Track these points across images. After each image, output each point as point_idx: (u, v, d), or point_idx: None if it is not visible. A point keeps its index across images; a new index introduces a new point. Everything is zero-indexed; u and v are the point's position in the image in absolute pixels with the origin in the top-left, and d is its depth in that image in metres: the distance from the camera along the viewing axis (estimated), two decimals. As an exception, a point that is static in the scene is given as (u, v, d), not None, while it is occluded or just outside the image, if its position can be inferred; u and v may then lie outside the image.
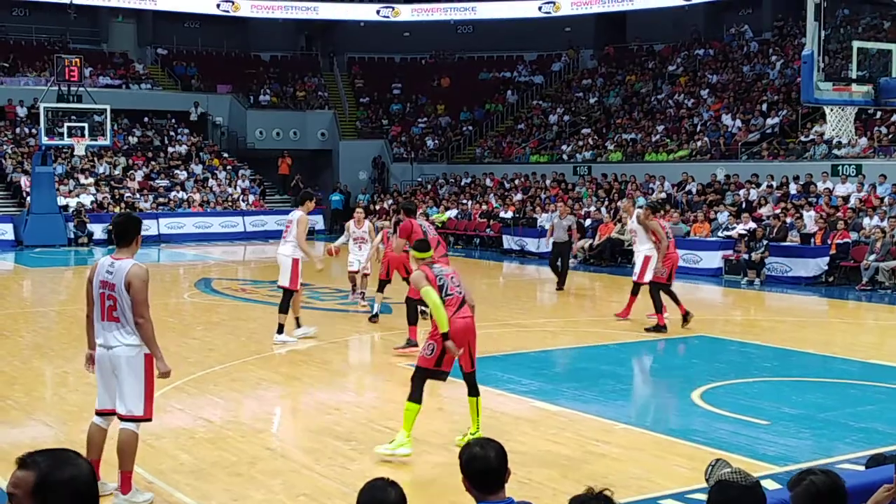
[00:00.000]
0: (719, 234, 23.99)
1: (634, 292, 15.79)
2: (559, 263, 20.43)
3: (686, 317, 14.91)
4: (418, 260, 8.92)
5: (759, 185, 26.78)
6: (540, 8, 42.72)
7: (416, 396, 8.29)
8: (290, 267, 13.59)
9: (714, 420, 9.66)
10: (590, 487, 3.26)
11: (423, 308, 14.76)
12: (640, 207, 16.78)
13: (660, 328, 14.68)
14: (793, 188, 26.03)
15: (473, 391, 8.60)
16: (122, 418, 7.14)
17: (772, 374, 12.16)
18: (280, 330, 13.66)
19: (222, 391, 10.91)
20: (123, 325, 7.06)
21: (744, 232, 23.11)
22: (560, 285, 20.15)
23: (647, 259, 15.40)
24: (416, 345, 12.22)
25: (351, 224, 17.43)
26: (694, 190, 28.36)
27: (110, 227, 7.33)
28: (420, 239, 9.60)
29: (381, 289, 15.29)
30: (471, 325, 8.51)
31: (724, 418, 9.69)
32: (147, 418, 7.21)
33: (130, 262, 7.11)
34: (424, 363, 8.36)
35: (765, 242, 22.25)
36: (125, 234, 7.22)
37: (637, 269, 15.67)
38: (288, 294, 13.70)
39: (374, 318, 15.38)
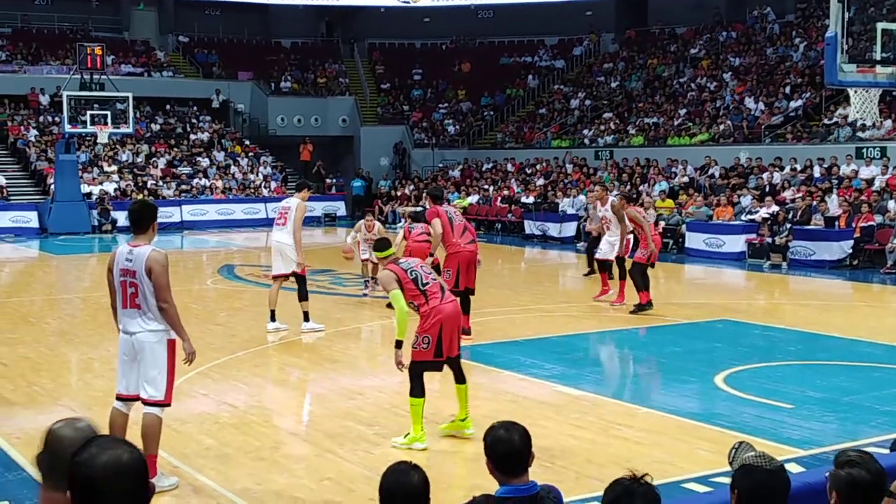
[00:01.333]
0: (742, 217, 23.86)
1: (623, 276, 15.83)
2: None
3: (645, 306, 14.81)
4: (381, 260, 8.85)
5: (782, 169, 26.60)
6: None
7: (417, 391, 8.23)
8: (295, 252, 13.33)
9: (738, 404, 9.63)
10: (631, 471, 3.22)
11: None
12: (615, 196, 16.96)
13: (643, 307, 14.73)
14: (817, 171, 25.84)
15: (460, 379, 8.50)
16: (146, 402, 7.21)
17: (796, 357, 12.11)
18: (306, 318, 13.60)
19: (246, 376, 10.97)
20: (145, 311, 7.13)
21: (767, 215, 22.98)
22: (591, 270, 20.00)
23: (628, 241, 15.99)
24: (468, 333, 12.14)
25: (362, 227, 17.43)
26: (717, 174, 28.21)
27: (131, 214, 7.41)
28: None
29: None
30: (458, 309, 8.47)
31: (747, 402, 9.66)
32: (167, 403, 7.26)
33: (149, 248, 7.16)
34: (421, 356, 8.26)
35: (788, 226, 22.12)
36: (141, 220, 7.26)
37: (617, 249, 15.91)
38: (301, 280, 13.56)
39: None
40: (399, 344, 8.23)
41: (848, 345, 12.92)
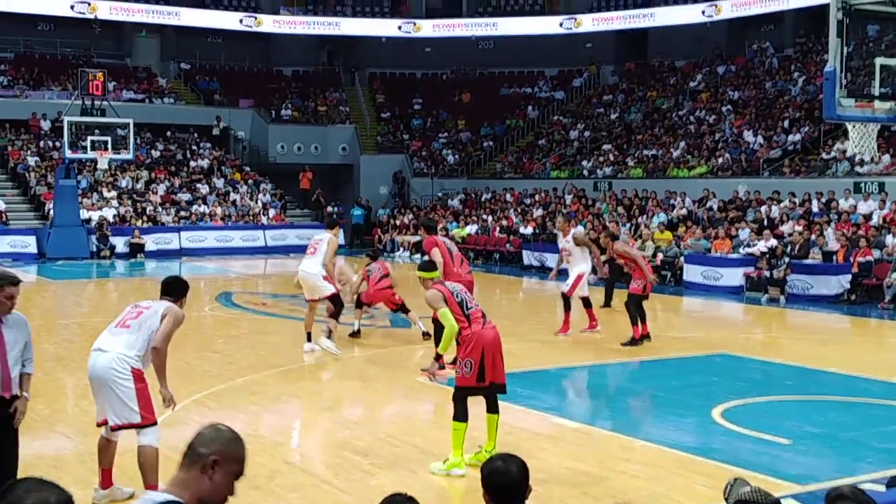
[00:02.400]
0: (740, 250, 23.88)
1: (567, 307, 15.95)
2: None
3: (638, 341, 14.79)
4: (426, 280, 8.84)
5: (780, 202, 26.66)
6: (561, 24, 42.82)
7: (461, 416, 8.24)
8: (323, 279, 13.76)
9: (735, 438, 9.60)
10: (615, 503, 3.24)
11: (425, 330, 14.87)
12: (579, 227, 17.40)
13: (636, 341, 14.71)
14: (815, 205, 25.89)
15: (493, 408, 8.50)
16: (117, 427, 7.21)
17: (793, 392, 12.09)
18: (328, 335, 13.83)
19: (242, 405, 10.94)
20: (131, 334, 7.21)
21: (765, 249, 23.00)
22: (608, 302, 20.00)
23: (580, 275, 15.89)
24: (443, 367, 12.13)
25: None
26: (715, 206, 28.26)
27: (164, 282, 7.79)
28: (426, 260, 9.54)
29: (358, 305, 15.67)
30: (499, 336, 8.48)
31: (744, 436, 9.63)
32: (147, 423, 7.19)
33: (175, 306, 7.44)
34: (464, 382, 8.27)
35: (786, 260, 22.13)
36: (172, 291, 7.57)
37: (570, 282, 15.98)
38: (336, 299, 13.89)
39: (355, 334, 15.47)
40: (438, 357, 8.26)
41: (845, 380, 12.90)
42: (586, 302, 16.15)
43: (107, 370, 7.10)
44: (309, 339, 14.12)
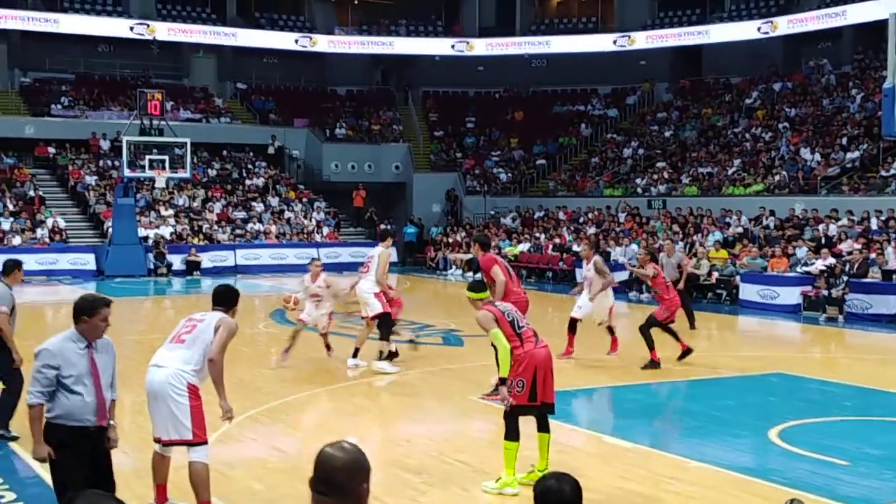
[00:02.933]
0: (798, 269, 23.54)
1: (611, 331, 15.48)
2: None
3: (656, 364, 14.31)
4: (476, 301, 8.76)
5: (838, 220, 26.27)
6: (615, 42, 42.68)
7: (512, 435, 8.22)
8: (375, 297, 13.86)
9: (792, 459, 9.44)
10: None
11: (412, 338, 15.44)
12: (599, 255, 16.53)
13: (655, 364, 14.24)
14: (874, 223, 25.48)
15: (544, 427, 8.49)
16: (169, 443, 7.30)
17: (853, 412, 11.87)
18: (380, 357, 13.96)
19: (295, 421, 10.99)
20: (187, 349, 7.29)
21: (823, 268, 22.65)
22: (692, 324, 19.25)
23: (612, 306, 15.59)
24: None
25: (306, 278, 15.04)
26: (772, 224, 27.93)
27: (215, 291, 7.92)
28: (476, 280, 9.44)
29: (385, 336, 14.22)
30: (551, 355, 8.46)
31: (802, 457, 9.47)
32: (199, 441, 7.22)
33: (226, 315, 7.52)
34: (518, 400, 8.23)
35: (845, 278, 21.77)
36: (223, 301, 7.65)
37: (604, 314, 15.46)
38: (385, 318, 13.97)
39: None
40: (504, 381, 8.23)
41: (906, 401, 12.63)
42: (572, 325, 15.45)
43: (163, 385, 7.15)
44: (355, 355, 14.14)
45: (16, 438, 9.66)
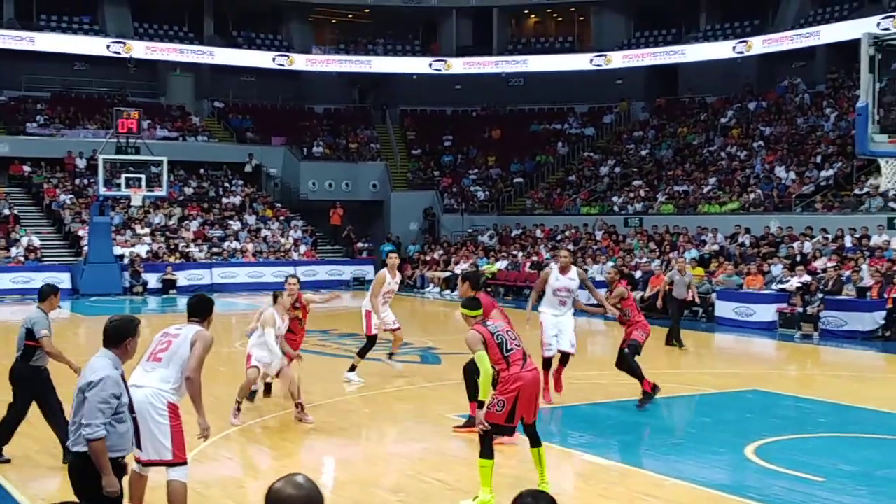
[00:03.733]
0: (773, 286, 23.69)
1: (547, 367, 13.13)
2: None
3: (654, 392, 12.84)
4: (469, 318, 8.73)
5: (813, 238, 26.48)
6: (591, 61, 42.91)
7: (487, 452, 8.26)
8: (364, 317, 14.77)
9: (768, 476, 9.48)
10: None
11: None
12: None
13: (650, 395, 12.83)
14: (848, 241, 25.70)
15: (535, 442, 8.55)
16: (148, 463, 7.19)
17: (828, 429, 11.93)
18: (351, 368, 14.71)
19: (272, 440, 10.94)
20: (164, 367, 7.25)
21: (798, 285, 22.81)
22: (678, 342, 19.20)
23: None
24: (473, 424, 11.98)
25: (285, 300, 12.64)
26: (747, 242, 28.11)
27: (189, 302, 7.84)
28: (470, 297, 9.25)
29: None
30: (538, 377, 8.59)
31: (778, 474, 9.51)
32: (179, 462, 7.17)
33: (203, 329, 7.44)
34: (493, 418, 8.28)
35: (820, 296, 21.92)
36: (197, 312, 7.60)
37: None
38: (370, 339, 14.77)
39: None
40: (482, 405, 8.28)
41: (881, 417, 12.72)
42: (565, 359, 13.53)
43: (143, 405, 7.02)
44: (352, 370, 14.79)
45: (7, 461, 9.59)
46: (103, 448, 5.79)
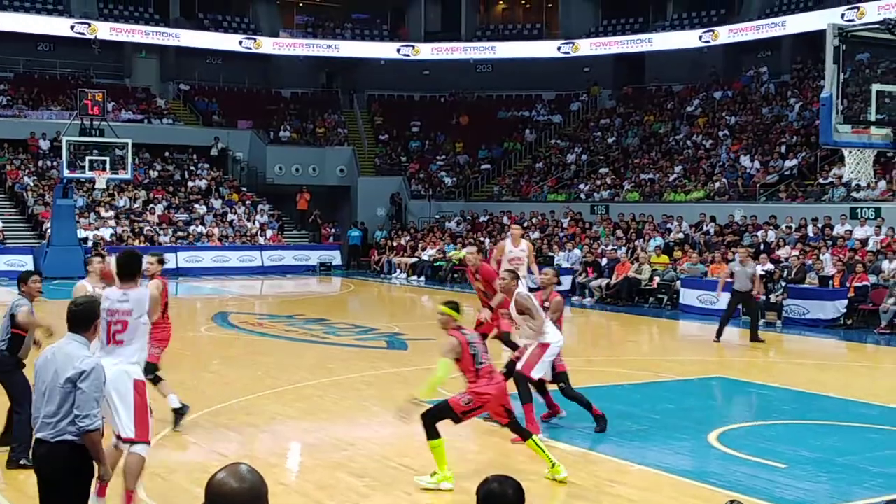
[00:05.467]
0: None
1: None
2: (741, 313, 19.23)
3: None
4: (450, 320, 8.60)
5: (777, 227, 26.72)
6: (559, 48, 42.97)
7: (433, 434, 8.41)
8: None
9: (731, 462, 9.58)
10: None
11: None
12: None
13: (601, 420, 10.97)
14: (811, 230, 25.95)
15: (525, 435, 8.78)
16: (125, 441, 7.37)
17: (790, 416, 12.07)
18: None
19: (237, 425, 10.91)
20: (126, 347, 7.53)
21: (762, 273, 23.00)
22: (754, 336, 18.50)
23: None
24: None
25: (85, 285, 10.17)
26: (712, 230, 28.31)
27: (119, 262, 7.95)
28: (453, 301, 8.82)
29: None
30: (505, 391, 8.75)
31: (741, 461, 9.61)
32: (143, 441, 7.37)
33: (144, 289, 7.82)
34: (456, 406, 8.46)
35: (783, 284, 22.13)
36: (131, 270, 7.80)
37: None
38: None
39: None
40: (416, 400, 8.36)
41: (842, 405, 12.88)
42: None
43: (121, 382, 7.29)
44: None
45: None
46: (100, 438, 5.76)
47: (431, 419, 8.42)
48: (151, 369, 9.73)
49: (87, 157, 30.02)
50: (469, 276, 12.79)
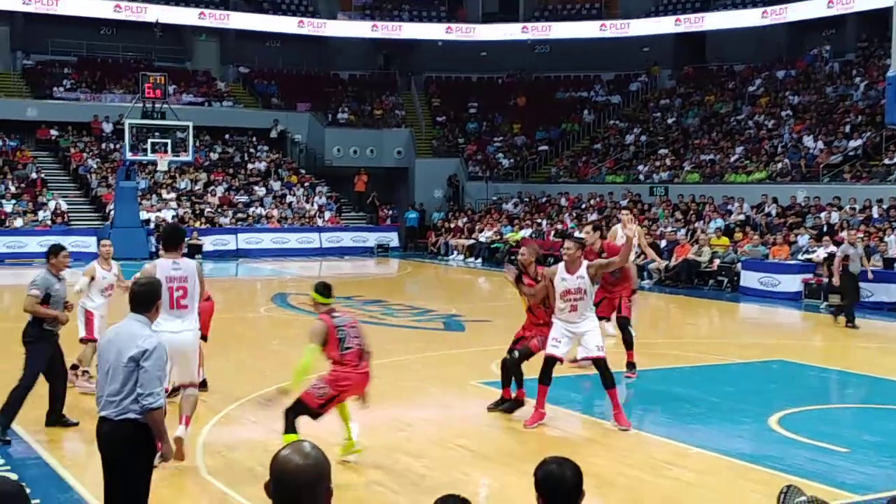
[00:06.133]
0: (799, 257, 23.55)
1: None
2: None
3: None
4: (319, 304, 8.48)
5: (840, 209, 26.26)
6: (618, 27, 42.57)
7: (290, 429, 8.17)
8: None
9: (791, 446, 9.47)
10: None
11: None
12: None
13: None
14: (875, 212, 25.47)
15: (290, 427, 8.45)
16: (185, 385, 8.77)
17: (852, 400, 11.91)
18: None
19: (296, 405, 11.00)
20: (191, 311, 8.73)
21: (825, 255, 22.65)
22: (852, 321, 18.14)
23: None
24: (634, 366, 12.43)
25: (95, 265, 11.62)
26: (773, 212, 27.92)
27: (165, 233, 9.60)
28: (326, 283, 8.63)
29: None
30: (367, 379, 8.45)
31: (801, 444, 9.50)
32: (196, 385, 8.99)
33: (191, 260, 9.21)
34: (309, 401, 8.23)
35: (846, 266, 21.74)
36: (175, 241, 9.08)
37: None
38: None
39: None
40: (283, 390, 8.40)
41: (906, 389, 12.65)
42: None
43: (186, 345, 8.59)
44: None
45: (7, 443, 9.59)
46: (163, 416, 5.87)
47: (289, 413, 8.20)
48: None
49: (149, 140, 30.47)
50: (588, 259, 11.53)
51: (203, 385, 10.59)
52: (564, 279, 9.86)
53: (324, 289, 8.49)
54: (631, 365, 12.60)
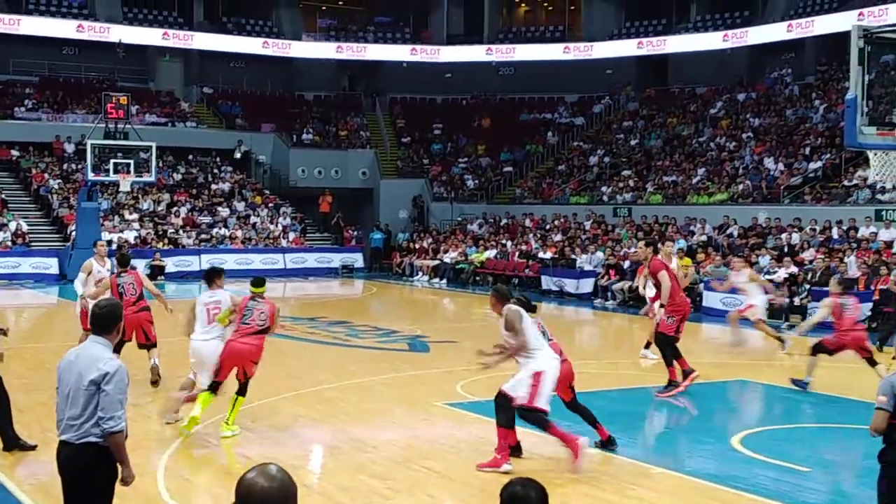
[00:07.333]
0: (761, 277, 23.74)
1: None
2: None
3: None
4: (256, 295, 10.93)
5: (801, 230, 26.56)
6: (581, 50, 42.94)
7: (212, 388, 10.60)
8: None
9: (754, 466, 9.53)
10: None
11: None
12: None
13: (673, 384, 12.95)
14: (835, 233, 25.78)
15: (240, 391, 10.53)
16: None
17: (814, 420, 12.00)
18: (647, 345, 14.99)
19: (259, 427, 10.94)
20: (216, 325, 10.86)
21: (786, 276, 22.88)
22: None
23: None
24: (677, 384, 12.75)
25: (93, 262, 13.48)
26: (735, 233, 28.18)
27: (204, 272, 11.86)
28: (260, 278, 11.41)
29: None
30: (244, 350, 10.37)
31: (764, 464, 9.56)
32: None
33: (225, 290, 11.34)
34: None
35: (807, 287, 21.99)
36: (214, 276, 11.59)
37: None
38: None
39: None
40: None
41: (867, 408, 12.71)
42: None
43: (213, 349, 10.55)
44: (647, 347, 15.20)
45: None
46: (124, 439, 5.76)
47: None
48: None
49: (112, 161, 30.19)
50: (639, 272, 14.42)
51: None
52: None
53: (258, 280, 11.32)
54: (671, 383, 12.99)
